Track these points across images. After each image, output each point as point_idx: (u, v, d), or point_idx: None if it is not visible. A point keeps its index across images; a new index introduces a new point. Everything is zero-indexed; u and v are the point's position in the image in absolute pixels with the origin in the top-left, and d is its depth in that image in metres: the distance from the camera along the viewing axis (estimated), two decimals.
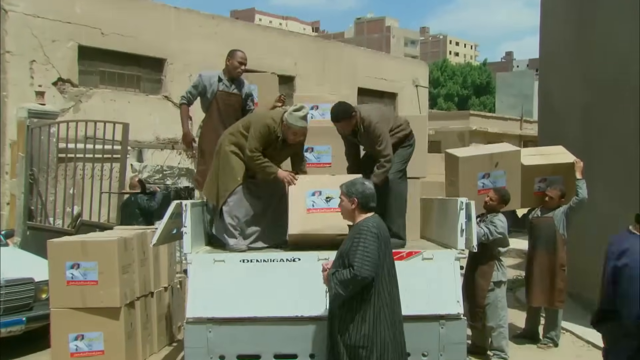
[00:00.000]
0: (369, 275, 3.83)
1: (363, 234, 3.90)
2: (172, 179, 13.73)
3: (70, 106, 12.78)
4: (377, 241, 3.88)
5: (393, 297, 4.06)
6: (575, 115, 9.01)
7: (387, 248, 4.01)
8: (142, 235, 6.18)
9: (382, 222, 4.10)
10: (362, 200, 4.07)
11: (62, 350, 5.66)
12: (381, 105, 5.65)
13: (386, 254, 3.99)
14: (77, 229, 8.64)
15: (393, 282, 4.08)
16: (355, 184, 4.15)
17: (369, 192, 4.10)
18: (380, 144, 5.15)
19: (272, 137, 5.22)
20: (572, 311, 8.04)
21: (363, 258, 3.82)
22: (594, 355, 6.53)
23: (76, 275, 5.64)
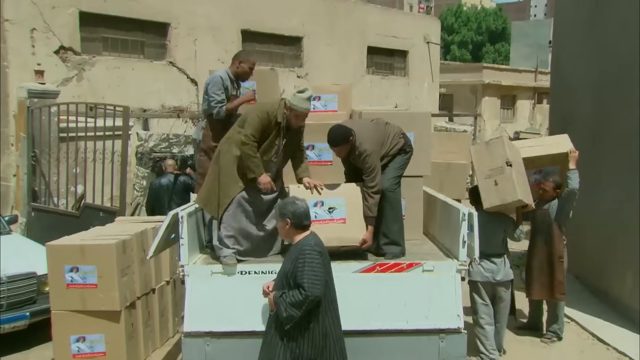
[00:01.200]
0: (320, 293, 3.88)
1: (307, 254, 3.92)
2: (179, 147, 13.57)
3: (73, 75, 12.56)
4: (320, 258, 3.95)
5: (335, 309, 4.15)
6: (586, 94, 8.71)
7: (328, 264, 4.09)
8: (141, 235, 6.12)
9: (318, 238, 4.11)
10: (294, 220, 4.07)
11: (64, 352, 5.70)
12: (377, 123, 5.38)
13: (328, 270, 4.08)
14: (81, 211, 8.62)
15: (334, 296, 4.15)
16: (287, 204, 4.15)
17: (300, 211, 4.09)
18: (369, 174, 5.05)
19: (271, 124, 5.01)
20: (578, 298, 8.01)
21: (311, 277, 3.86)
22: (598, 350, 6.53)
23: (75, 278, 5.62)
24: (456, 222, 5.04)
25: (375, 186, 5.04)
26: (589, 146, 8.55)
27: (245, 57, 5.65)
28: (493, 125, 29.39)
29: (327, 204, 5.04)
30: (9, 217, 8.07)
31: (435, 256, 5.28)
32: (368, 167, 5.05)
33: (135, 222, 6.80)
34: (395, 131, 5.38)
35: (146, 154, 13.20)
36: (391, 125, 5.43)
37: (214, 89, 5.48)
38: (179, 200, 8.91)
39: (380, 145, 5.19)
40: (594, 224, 8.26)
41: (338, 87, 6.78)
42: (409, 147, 5.41)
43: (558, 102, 9.98)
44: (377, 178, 5.06)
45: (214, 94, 5.47)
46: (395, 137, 5.34)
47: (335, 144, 5.08)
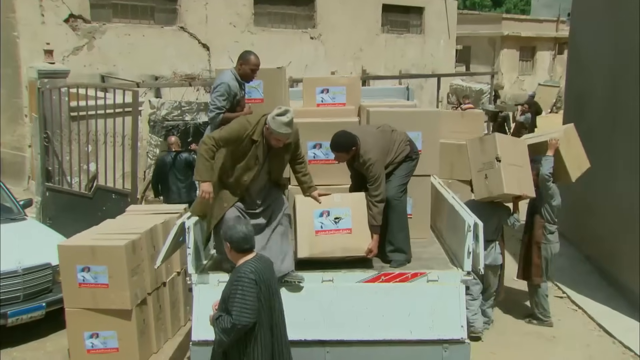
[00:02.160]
0: (248, 323, 3.89)
1: (240, 281, 3.91)
2: (191, 114, 13.54)
3: (83, 44, 12.51)
4: (254, 286, 3.90)
5: (280, 334, 4.14)
6: (603, 74, 8.50)
7: (269, 288, 4.03)
8: (151, 232, 6.19)
9: (261, 262, 4.06)
10: (233, 244, 4.05)
11: (79, 347, 5.87)
12: (383, 131, 5.31)
13: (270, 293, 4.03)
14: (94, 193, 8.71)
15: (278, 320, 4.14)
16: (227, 228, 4.15)
17: (238, 236, 4.03)
18: (373, 183, 5.02)
19: (243, 140, 4.74)
20: (588, 282, 8.05)
21: (241, 306, 3.86)
22: (604, 343, 6.60)
23: (87, 278, 5.73)
24: (462, 231, 5.03)
25: (379, 195, 5.02)
26: (604, 129, 8.42)
27: (245, 60, 5.54)
28: (511, 79, 28.90)
29: (333, 214, 5.05)
30: (24, 201, 8.17)
31: (441, 262, 5.30)
32: (372, 175, 5.03)
33: (145, 214, 6.86)
34: (401, 138, 5.32)
35: (159, 123, 13.21)
36: (397, 132, 5.37)
37: (217, 94, 5.41)
38: (181, 176, 9.08)
39: (385, 154, 5.15)
40: (609, 207, 8.20)
41: (346, 80, 6.71)
42: (415, 154, 5.36)
43: (574, 81, 9.76)
44: (381, 187, 5.04)
45: (216, 99, 5.41)
46: (402, 144, 5.28)
47: (336, 150, 5.06)
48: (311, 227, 5.01)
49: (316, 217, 5.03)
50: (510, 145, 6.58)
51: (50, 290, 6.68)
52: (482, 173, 6.40)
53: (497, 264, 6.53)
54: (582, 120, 9.31)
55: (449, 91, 21.42)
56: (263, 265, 4.06)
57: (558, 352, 6.34)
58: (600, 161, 8.44)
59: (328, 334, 4.87)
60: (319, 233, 5.03)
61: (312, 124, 6.00)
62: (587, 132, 8.97)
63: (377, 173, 5.01)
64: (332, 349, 4.87)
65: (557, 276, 8.34)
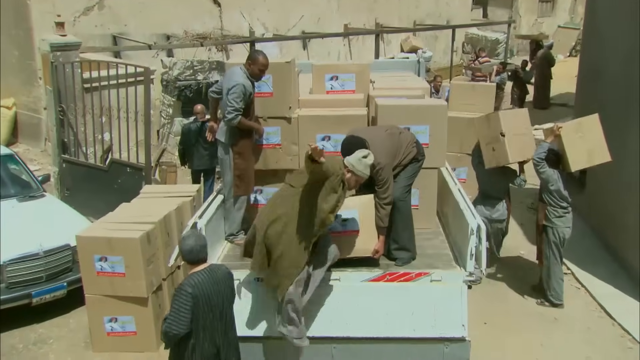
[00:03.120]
0: (178, 333, 4.16)
1: (178, 294, 4.19)
2: (203, 73, 13.55)
3: (94, 3, 12.37)
4: (190, 300, 4.14)
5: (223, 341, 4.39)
6: (619, 50, 8.35)
7: (209, 300, 4.24)
8: (164, 220, 6.38)
9: (208, 275, 4.27)
10: (185, 257, 4.32)
11: (99, 330, 6.20)
12: (391, 134, 5.37)
13: (211, 304, 4.25)
14: (109, 166, 8.90)
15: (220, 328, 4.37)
16: (180, 242, 4.42)
17: (185, 248, 4.30)
18: (382, 186, 5.13)
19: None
20: (595, 258, 8.19)
21: (174, 317, 4.14)
22: (604, 325, 6.80)
23: (105, 267, 5.98)
24: (466, 230, 5.16)
25: (387, 198, 5.15)
26: (617, 105, 8.35)
27: (255, 58, 5.56)
28: (529, 21, 28.18)
29: (340, 217, 5.18)
30: (42, 176, 8.38)
31: (444, 260, 5.47)
32: (381, 180, 5.13)
33: (159, 197, 7.04)
34: (408, 140, 5.38)
35: (171, 82, 13.26)
36: (405, 133, 5.43)
37: (234, 96, 5.45)
38: (206, 144, 9.20)
39: (393, 157, 5.24)
40: (618, 183, 8.20)
41: (356, 67, 6.68)
42: (421, 155, 5.44)
43: (588, 52, 9.60)
44: (390, 190, 5.15)
45: (234, 100, 5.46)
46: (409, 146, 5.35)
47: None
48: None
49: None
50: (512, 118, 7.32)
51: (70, 270, 6.98)
52: (490, 146, 7.22)
53: (503, 218, 7.54)
54: (594, 95, 9.25)
55: (464, 40, 21.03)
56: (209, 278, 4.27)
57: (558, 335, 6.55)
58: (612, 136, 8.41)
59: (335, 331, 5.10)
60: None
61: (321, 116, 6.06)
62: (600, 107, 8.91)
63: (385, 177, 5.12)
64: (338, 345, 5.12)
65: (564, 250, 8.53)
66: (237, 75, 5.53)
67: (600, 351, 6.29)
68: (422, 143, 5.89)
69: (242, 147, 5.71)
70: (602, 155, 6.99)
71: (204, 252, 4.39)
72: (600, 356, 6.21)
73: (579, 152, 6.85)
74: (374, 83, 7.18)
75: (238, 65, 5.68)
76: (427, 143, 5.94)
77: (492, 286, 7.50)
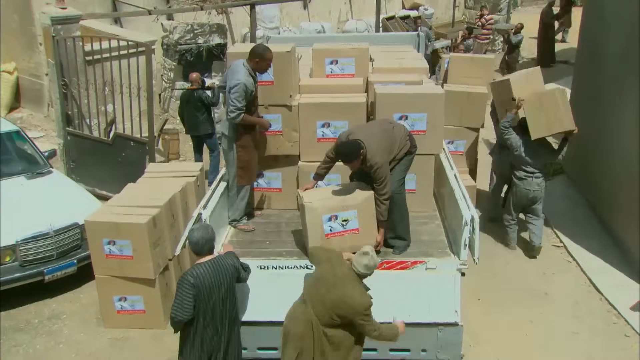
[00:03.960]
0: (181, 319, 4.54)
1: (181, 282, 4.55)
2: (204, 37, 13.55)
3: None
4: (191, 289, 4.49)
5: (223, 333, 4.76)
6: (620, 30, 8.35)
7: (211, 292, 4.58)
8: (169, 203, 6.58)
9: (210, 267, 4.59)
10: (191, 247, 4.70)
11: (110, 308, 6.51)
12: (385, 130, 5.50)
13: (211, 296, 4.58)
14: (113, 140, 9.07)
15: (220, 316, 4.72)
16: (189, 232, 4.82)
17: (194, 240, 4.65)
18: (380, 184, 5.30)
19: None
20: (586, 230, 8.44)
21: (178, 304, 4.52)
22: (592, 300, 7.09)
23: (113, 250, 6.23)
24: (459, 221, 5.38)
25: (386, 194, 5.34)
26: (615, 81, 8.43)
27: (262, 55, 5.66)
28: None
29: (340, 217, 5.39)
30: (48, 152, 8.55)
31: (439, 247, 5.72)
32: (379, 177, 5.30)
33: (164, 177, 7.22)
34: (401, 134, 5.52)
35: (172, 47, 13.28)
36: (397, 127, 5.58)
37: (236, 95, 5.56)
38: (194, 111, 9.64)
39: (389, 154, 5.39)
40: (613, 157, 8.30)
41: (355, 51, 6.75)
42: (414, 147, 5.59)
43: (589, 29, 9.60)
44: (388, 187, 5.33)
45: (236, 100, 5.57)
46: (402, 139, 5.50)
47: (347, 160, 5.26)
48: (321, 231, 5.39)
49: (325, 221, 5.38)
50: (524, 81, 7.82)
51: (79, 247, 7.24)
52: (503, 108, 7.93)
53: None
54: (594, 69, 9.30)
55: None
56: (211, 271, 4.59)
57: (547, 310, 6.84)
58: (609, 112, 8.55)
59: None
60: (329, 236, 5.41)
61: (321, 104, 6.20)
62: (599, 83, 9.03)
63: (383, 175, 5.28)
64: None
65: (557, 221, 8.79)
66: (239, 73, 5.63)
67: (587, 326, 6.59)
68: (420, 130, 6.09)
69: (245, 141, 5.87)
70: (562, 125, 7.42)
71: (209, 245, 4.69)
72: (587, 331, 6.52)
73: (539, 121, 7.38)
74: (373, 62, 7.30)
75: (241, 60, 5.75)
76: (424, 130, 6.11)
77: (485, 261, 7.74)
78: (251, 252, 5.68)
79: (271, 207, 6.61)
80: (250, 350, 5.46)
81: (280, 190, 6.54)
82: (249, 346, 5.44)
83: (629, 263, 7.50)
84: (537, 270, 7.58)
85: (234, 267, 4.79)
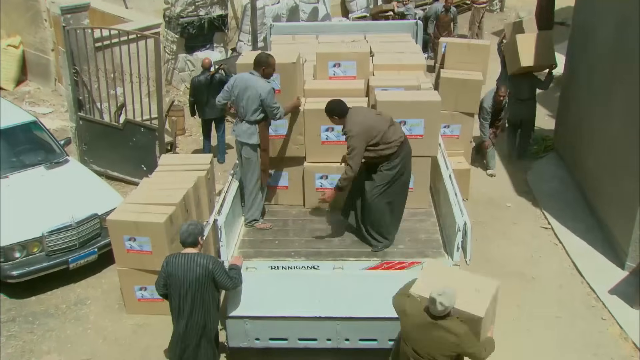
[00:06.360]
0: (159, 293, 5.50)
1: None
2: (205, 9, 13.72)
3: None
4: (163, 271, 5.36)
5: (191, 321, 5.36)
6: (610, 18, 8.65)
7: (178, 282, 5.26)
8: (184, 200, 7.03)
9: (185, 259, 5.28)
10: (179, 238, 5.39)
11: (131, 297, 7.08)
12: (382, 119, 5.95)
13: (183, 285, 5.25)
14: (124, 125, 9.46)
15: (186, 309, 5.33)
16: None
17: (181, 231, 5.38)
18: (349, 153, 5.85)
19: None
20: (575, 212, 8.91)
21: (156, 279, 5.47)
22: (574, 283, 7.65)
23: (134, 245, 6.75)
24: (452, 225, 5.90)
25: (351, 167, 5.85)
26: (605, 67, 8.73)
27: (269, 62, 6.09)
28: None
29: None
30: (64, 140, 8.97)
31: (434, 246, 6.25)
32: (348, 146, 5.86)
33: (178, 170, 7.64)
34: (395, 133, 5.96)
35: (174, 19, 13.46)
36: (395, 126, 6.03)
37: (271, 97, 6.09)
38: (216, 94, 9.82)
39: (367, 134, 5.81)
40: (601, 141, 8.65)
41: (357, 55, 7.11)
42: (397, 160, 6.00)
43: (581, 15, 9.86)
44: (355, 159, 5.83)
45: (274, 103, 6.12)
46: (392, 137, 5.91)
47: (328, 114, 6.00)
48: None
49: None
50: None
51: (99, 235, 7.77)
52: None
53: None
54: (584, 54, 9.63)
55: None
56: (183, 263, 5.24)
57: (534, 294, 7.41)
58: (599, 99, 8.91)
59: (339, 312, 5.92)
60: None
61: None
62: (591, 69, 9.35)
63: (353, 145, 5.80)
64: (341, 323, 5.97)
65: (546, 202, 9.31)
66: (259, 81, 6.12)
67: (569, 309, 7.19)
68: (417, 134, 6.57)
69: (265, 144, 6.41)
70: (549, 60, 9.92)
71: (190, 239, 5.36)
72: (568, 315, 7.11)
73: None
74: (373, 57, 7.67)
75: (247, 72, 6.22)
76: (421, 134, 6.57)
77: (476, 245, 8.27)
78: (262, 253, 6.22)
79: (278, 202, 7.12)
80: (262, 340, 6.06)
81: (287, 188, 7.04)
82: (262, 337, 6.04)
83: (611, 246, 8.05)
84: (526, 254, 8.13)
85: (204, 268, 5.25)
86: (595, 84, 9.13)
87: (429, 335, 4.62)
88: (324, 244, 6.37)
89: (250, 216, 6.63)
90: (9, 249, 7.19)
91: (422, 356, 4.70)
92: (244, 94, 6.15)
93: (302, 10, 15.26)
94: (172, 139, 10.57)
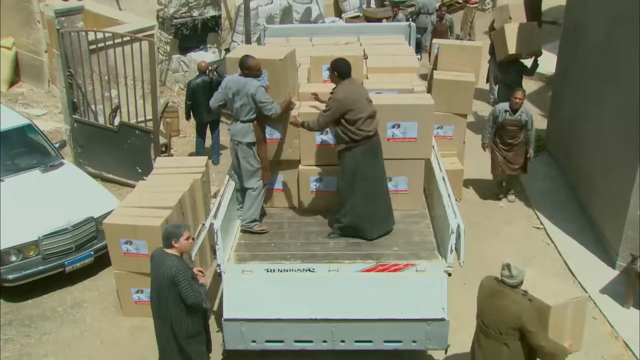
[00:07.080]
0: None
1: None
2: (198, 9, 13.74)
3: None
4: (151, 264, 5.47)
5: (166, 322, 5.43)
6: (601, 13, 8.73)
7: (153, 274, 5.44)
8: (180, 203, 7.09)
9: (157, 255, 5.40)
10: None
11: (128, 299, 7.13)
12: (367, 99, 6.23)
13: (155, 280, 5.40)
14: (119, 128, 9.49)
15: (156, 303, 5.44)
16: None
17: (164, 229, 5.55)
18: (325, 111, 6.17)
19: None
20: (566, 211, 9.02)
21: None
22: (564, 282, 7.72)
23: (130, 249, 6.81)
24: (446, 227, 5.97)
25: (318, 122, 6.18)
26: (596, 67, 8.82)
27: (248, 64, 6.19)
28: None
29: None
30: (59, 143, 8.99)
31: (428, 249, 6.32)
32: (325, 106, 6.21)
33: (172, 173, 7.71)
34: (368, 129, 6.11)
35: (167, 20, 13.49)
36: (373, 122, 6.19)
37: (262, 93, 6.18)
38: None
39: (347, 106, 6.02)
40: (593, 142, 8.73)
41: (351, 58, 7.11)
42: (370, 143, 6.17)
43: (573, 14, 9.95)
44: (325, 118, 6.13)
45: (267, 98, 6.20)
46: (362, 128, 6.08)
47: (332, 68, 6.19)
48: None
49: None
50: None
51: (95, 239, 7.82)
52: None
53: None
54: (576, 53, 9.72)
55: None
56: (158, 258, 5.35)
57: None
58: (591, 100, 9.00)
59: (334, 313, 5.99)
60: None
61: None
62: (581, 68, 9.44)
63: (330, 106, 6.08)
64: (337, 324, 6.04)
65: (539, 201, 9.41)
66: (248, 82, 6.19)
67: None
68: (411, 137, 6.64)
69: (259, 140, 6.44)
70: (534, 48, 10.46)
71: (164, 241, 5.39)
72: None
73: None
74: (367, 60, 7.72)
75: (236, 74, 6.33)
76: (415, 137, 6.64)
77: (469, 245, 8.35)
78: (258, 256, 6.28)
79: (274, 205, 7.17)
80: (259, 342, 6.12)
81: (282, 191, 7.09)
82: (258, 339, 6.10)
83: (602, 246, 8.16)
84: (518, 254, 8.18)
85: (169, 271, 5.25)
86: (586, 84, 9.23)
87: (496, 304, 4.94)
88: (319, 246, 6.41)
89: (249, 216, 6.65)
90: (5, 253, 7.22)
91: (489, 327, 5.03)
92: (236, 94, 6.22)
93: (295, 10, 15.32)
94: (166, 141, 10.60)
